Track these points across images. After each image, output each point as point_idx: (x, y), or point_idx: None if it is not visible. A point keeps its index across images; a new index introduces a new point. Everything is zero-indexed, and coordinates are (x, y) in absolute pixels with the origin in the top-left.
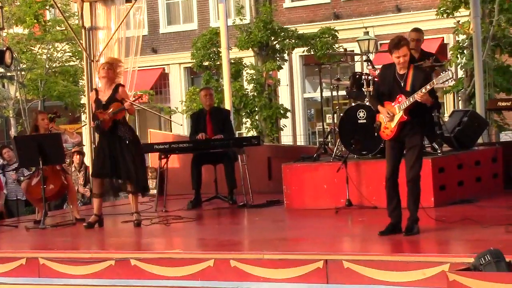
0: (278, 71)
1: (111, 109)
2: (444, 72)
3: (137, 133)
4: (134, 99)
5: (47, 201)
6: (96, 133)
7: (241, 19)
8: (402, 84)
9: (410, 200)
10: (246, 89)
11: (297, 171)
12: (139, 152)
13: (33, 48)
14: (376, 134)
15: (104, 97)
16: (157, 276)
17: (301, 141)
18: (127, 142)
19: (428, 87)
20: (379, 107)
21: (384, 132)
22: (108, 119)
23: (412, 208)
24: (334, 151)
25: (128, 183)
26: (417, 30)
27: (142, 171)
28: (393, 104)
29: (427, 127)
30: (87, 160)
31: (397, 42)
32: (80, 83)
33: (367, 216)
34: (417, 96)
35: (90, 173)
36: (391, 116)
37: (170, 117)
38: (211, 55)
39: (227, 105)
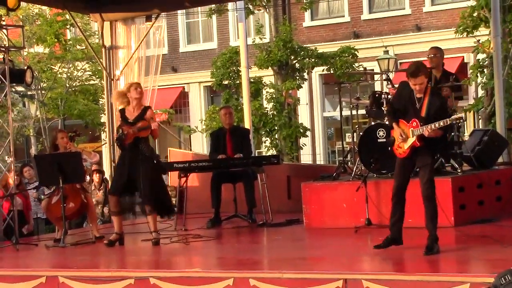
0: (298, 90)
1: (138, 125)
2: (457, 113)
3: (157, 152)
4: (159, 119)
5: (67, 219)
6: (116, 150)
7: (260, 38)
8: (418, 106)
9: (428, 218)
10: (266, 108)
11: (317, 190)
12: (159, 174)
13: (53, 67)
14: (389, 148)
15: (131, 116)
16: None
17: (320, 160)
18: (154, 161)
19: (434, 126)
20: (394, 125)
21: (397, 150)
22: (131, 134)
23: (430, 226)
24: (354, 170)
25: (146, 203)
26: (434, 47)
27: (163, 192)
28: (407, 125)
29: (439, 147)
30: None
31: (415, 70)
32: (100, 102)
33: (386, 235)
34: (425, 132)
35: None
36: (405, 138)
37: (190, 137)
38: (230, 74)
39: (247, 124)
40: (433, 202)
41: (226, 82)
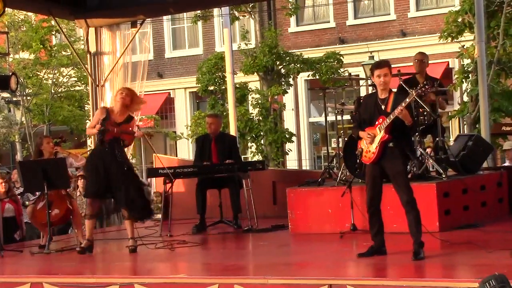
0: (283, 96)
1: (123, 127)
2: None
3: (143, 157)
4: (143, 123)
5: (52, 225)
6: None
7: (246, 44)
8: (383, 107)
9: (412, 224)
10: (252, 113)
11: (302, 196)
12: (136, 179)
13: (39, 73)
14: (358, 160)
15: (115, 119)
16: None
17: (306, 166)
18: (125, 168)
19: (407, 99)
20: (360, 132)
21: (366, 156)
22: (113, 132)
23: (415, 232)
24: (339, 175)
25: (124, 208)
26: (421, 53)
27: (140, 197)
28: (374, 127)
29: (406, 151)
30: None
31: (379, 62)
32: (86, 108)
33: (371, 241)
34: (397, 111)
35: (84, 193)
36: (372, 138)
37: (176, 143)
38: (216, 80)
39: (232, 130)
40: (414, 207)
41: (211, 88)
